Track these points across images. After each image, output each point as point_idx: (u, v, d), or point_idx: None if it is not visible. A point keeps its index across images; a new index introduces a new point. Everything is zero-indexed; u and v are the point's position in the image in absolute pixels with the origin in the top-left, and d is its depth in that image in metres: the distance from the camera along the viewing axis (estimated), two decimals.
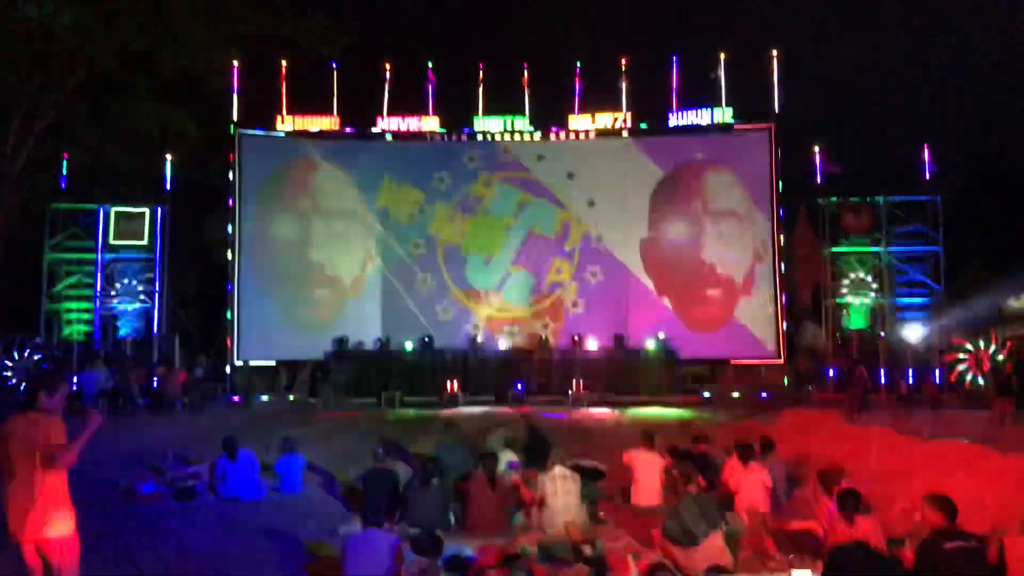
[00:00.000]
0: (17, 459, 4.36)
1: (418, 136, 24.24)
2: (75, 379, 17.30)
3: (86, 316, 23.07)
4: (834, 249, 23.66)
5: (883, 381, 21.41)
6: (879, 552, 2.11)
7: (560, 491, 7.26)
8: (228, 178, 23.49)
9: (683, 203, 23.82)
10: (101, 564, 6.10)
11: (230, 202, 23.46)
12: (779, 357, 22.87)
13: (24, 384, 19.12)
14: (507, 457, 9.06)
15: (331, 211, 24.03)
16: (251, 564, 6.42)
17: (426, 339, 21.82)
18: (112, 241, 23.10)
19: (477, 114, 24.27)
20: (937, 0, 30.63)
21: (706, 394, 20.47)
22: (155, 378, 19.23)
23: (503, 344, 22.36)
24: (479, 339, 22.27)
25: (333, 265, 23.87)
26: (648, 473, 7.95)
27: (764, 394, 20.21)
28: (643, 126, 24.23)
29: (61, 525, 4.42)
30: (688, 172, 23.87)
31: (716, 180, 23.71)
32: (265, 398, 21.04)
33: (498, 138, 24.22)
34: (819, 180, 24.02)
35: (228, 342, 23.04)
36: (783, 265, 23.20)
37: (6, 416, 4.57)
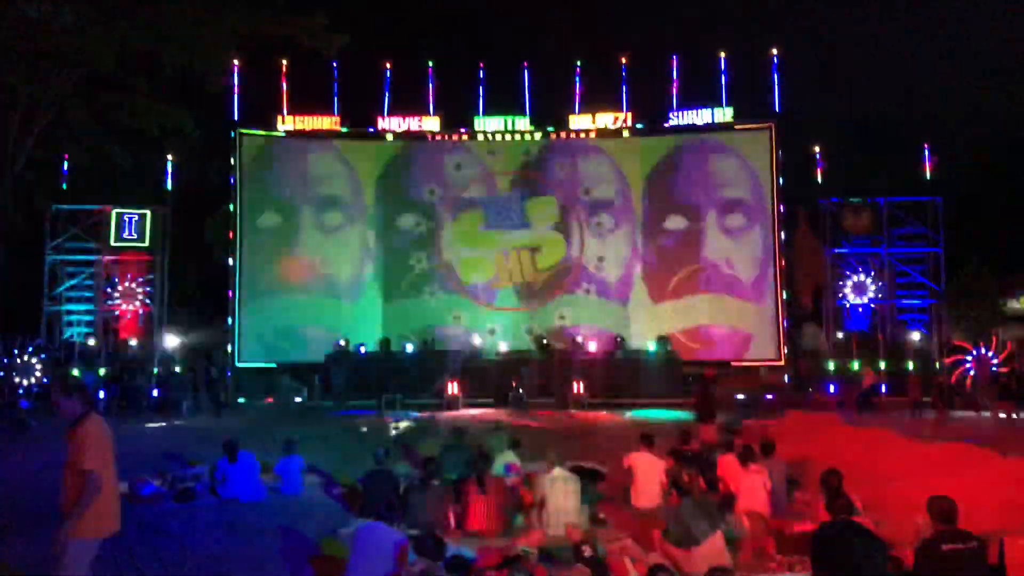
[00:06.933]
0: None
1: (419, 136, 24.25)
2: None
3: (87, 318, 23.07)
4: (835, 250, 23.64)
5: (884, 384, 21.34)
6: (870, 531, 2.12)
7: (560, 492, 7.26)
8: (228, 178, 23.48)
9: (683, 203, 23.77)
10: (101, 566, 6.08)
11: (231, 203, 23.45)
12: (780, 359, 22.85)
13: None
14: (506, 459, 9.04)
15: (332, 212, 23.98)
16: (251, 565, 6.42)
17: (426, 341, 21.80)
18: (113, 242, 23.10)
19: (477, 114, 24.27)
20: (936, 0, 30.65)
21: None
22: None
23: (503, 346, 22.32)
24: (478, 341, 22.25)
25: (334, 266, 23.82)
26: (648, 475, 7.95)
27: (765, 396, 20.16)
28: (643, 126, 24.21)
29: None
30: (688, 172, 23.83)
31: (716, 180, 23.67)
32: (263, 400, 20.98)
33: (498, 138, 24.22)
34: (820, 180, 23.97)
35: (228, 344, 23.01)
36: (784, 266, 23.17)
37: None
